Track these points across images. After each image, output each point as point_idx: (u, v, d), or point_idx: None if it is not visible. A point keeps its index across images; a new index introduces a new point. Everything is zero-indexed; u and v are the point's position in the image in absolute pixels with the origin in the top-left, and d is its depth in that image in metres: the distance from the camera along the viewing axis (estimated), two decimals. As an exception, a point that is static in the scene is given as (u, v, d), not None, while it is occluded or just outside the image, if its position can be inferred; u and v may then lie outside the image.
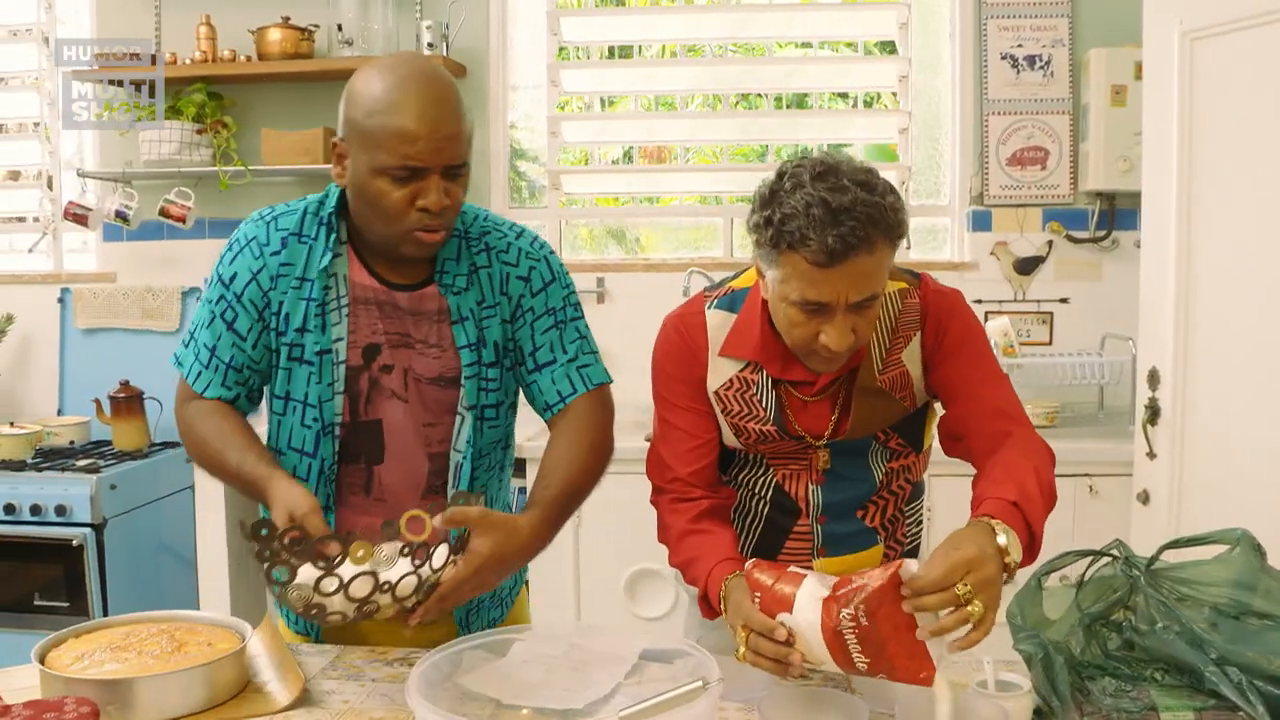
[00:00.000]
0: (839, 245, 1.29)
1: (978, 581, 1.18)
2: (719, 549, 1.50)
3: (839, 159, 1.37)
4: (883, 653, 1.21)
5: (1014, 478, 1.35)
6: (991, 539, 1.24)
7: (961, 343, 1.52)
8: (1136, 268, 3.21)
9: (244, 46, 3.31)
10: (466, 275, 1.60)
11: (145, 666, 1.38)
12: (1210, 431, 2.61)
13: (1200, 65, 2.56)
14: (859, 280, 1.34)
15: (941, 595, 1.17)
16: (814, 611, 1.24)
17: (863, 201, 1.30)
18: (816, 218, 1.29)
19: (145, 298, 3.47)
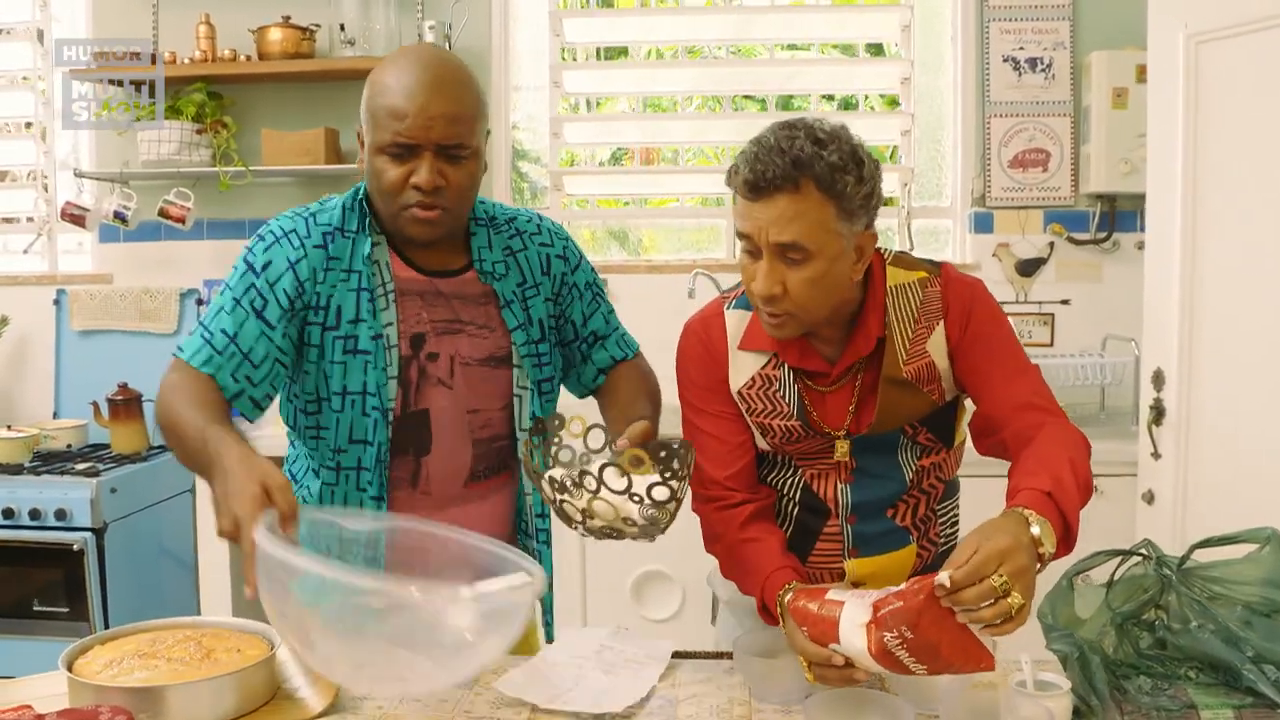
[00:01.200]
0: (755, 178, 1.36)
1: (1012, 572, 1.19)
2: (770, 558, 1.50)
3: (816, 120, 1.42)
4: (938, 656, 1.23)
5: (1048, 468, 1.35)
6: (1025, 529, 1.24)
7: (987, 332, 1.52)
8: (1137, 269, 3.24)
9: (244, 46, 3.28)
10: (503, 260, 1.67)
11: (176, 674, 1.36)
12: (1215, 432, 2.63)
13: (1205, 68, 2.58)
14: (781, 221, 1.37)
15: (978, 589, 1.18)
16: (860, 639, 1.26)
17: (800, 147, 1.36)
18: (750, 153, 1.38)
19: (143, 299, 3.43)
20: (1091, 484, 1.40)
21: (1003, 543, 1.20)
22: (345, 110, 3.41)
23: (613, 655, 1.56)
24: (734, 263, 3.47)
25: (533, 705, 1.41)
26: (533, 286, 1.68)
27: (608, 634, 1.62)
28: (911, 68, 3.38)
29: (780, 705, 1.42)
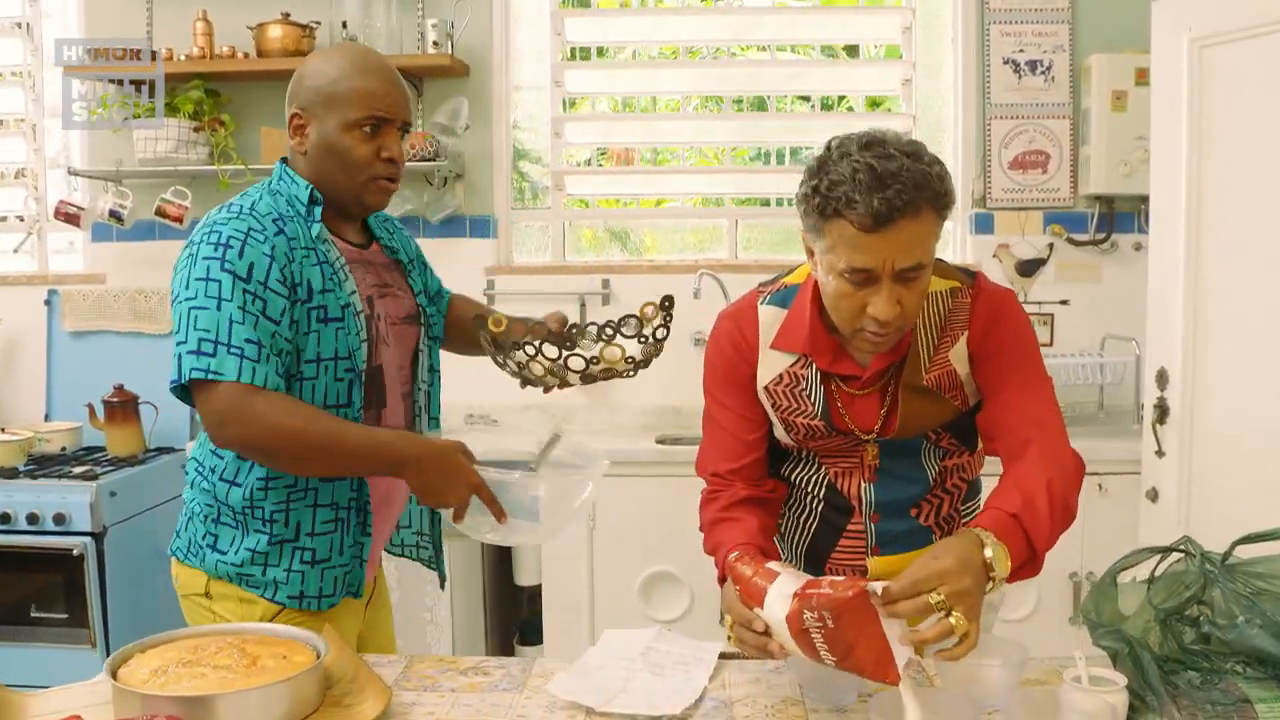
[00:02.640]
0: (884, 208, 1.30)
1: (952, 593, 1.19)
2: (738, 535, 1.51)
3: (885, 132, 1.38)
4: (850, 653, 1.23)
5: (1022, 489, 1.36)
6: (978, 551, 1.25)
7: (1006, 344, 1.52)
8: (1135, 270, 3.29)
9: (242, 43, 3.24)
10: (389, 236, 1.85)
11: (226, 682, 1.33)
12: (1219, 430, 2.67)
13: (1208, 72, 2.62)
14: (904, 246, 1.33)
15: (913, 603, 1.19)
16: (781, 609, 1.27)
17: (908, 169, 1.31)
18: (863, 182, 1.30)
19: (137, 299, 3.39)
20: (1072, 508, 1.41)
21: (947, 562, 1.21)
22: (345, 109, 3.37)
23: (659, 657, 1.56)
24: (735, 263, 3.49)
25: (587, 708, 1.40)
26: (410, 260, 1.86)
27: (653, 635, 1.61)
28: (913, 69, 3.41)
29: (834, 706, 1.42)
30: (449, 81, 3.36)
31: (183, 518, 1.79)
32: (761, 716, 1.40)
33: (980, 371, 1.52)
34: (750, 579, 1.34)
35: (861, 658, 1.22)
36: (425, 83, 3.36)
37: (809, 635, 1.24)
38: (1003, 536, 1.28)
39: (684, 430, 3.37)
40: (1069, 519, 1.41)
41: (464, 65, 3.31)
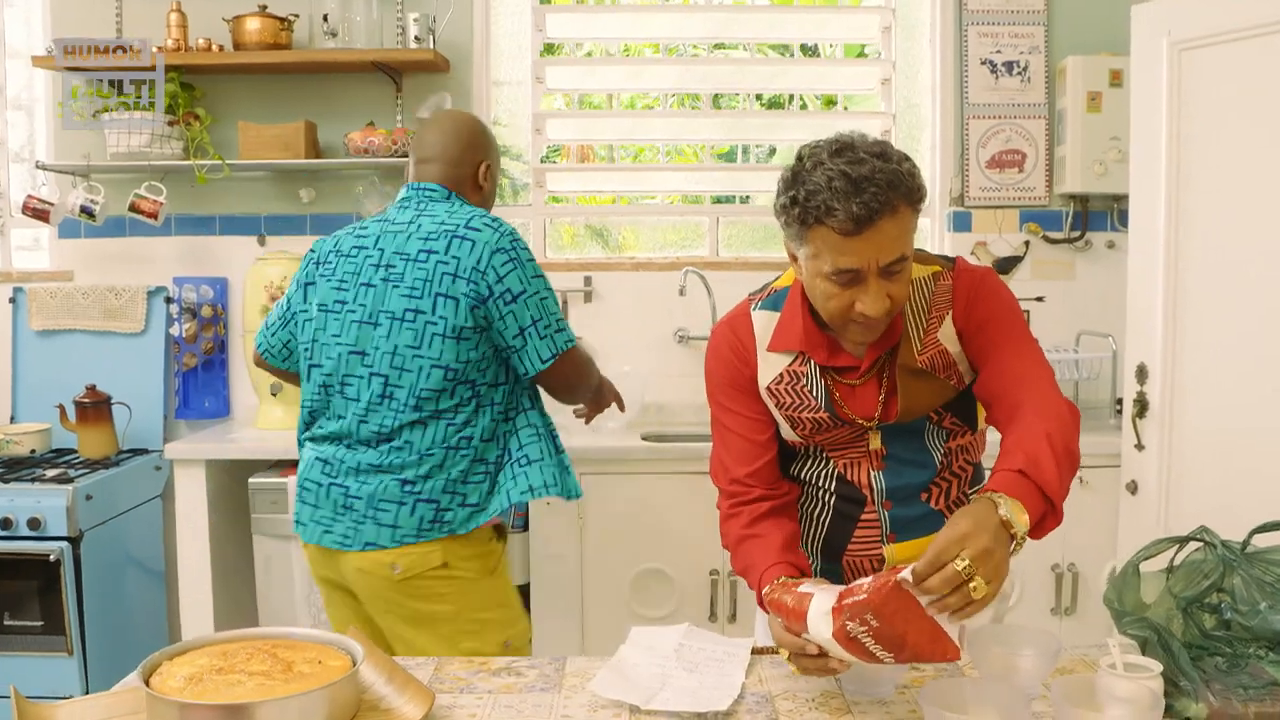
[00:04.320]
0: (864, 211, 1.35)
1: (974, 555, 1.21)
2: (767, 554, 1.54)
3: (853, 136, 1.43)
4: (904, 644, 1.25)
5: (1023, 446, 1.38)
6: (992, 512, 1.27)
7: (990, 315, 1.55)
8: (1108, 267, 3.37)
9: (218, 36, 3.17)
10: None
11: (266, 689, 1.30)
12: (1198, 424, 2.74)
13: (1187, 74, 2.69)
14: (886, 244, 1.38)
15: (941, 575, 1.22)
16: (825, 628, 1.29)
17: (880, 170, 1.36)
18: (839, 189, 1.35)
19: (107, 297, 3.30)
20: (1075, 453, 1.43)
21: (963, 528, 1.24)
22: (325, 103, 3.33)
23: (693, 654, 1.55)
24: (717, 260, 3.50)
25: (631, 706, 1.39)
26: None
27: (683, 632, 1.61)
28: (892, 69, 3.44)
29: (873, 697, 1.43)
30: (429, 77, 3.33)
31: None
32: (804, 710, 1.40)
33: (970, 347, 1.56)
34: (791, 608, 1.36)
35: (916, 645, 1.24)
36: (405, 78, 3.32)
37: (859, 643, 1.26)
38: (1014, 493, 1.30)
39: (669, 428, 3.37)
40: (1074, 465, 1.42)
41: (445, 60, 3.27)
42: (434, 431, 1.99)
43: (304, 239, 3.39)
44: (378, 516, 1.98)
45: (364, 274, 2.03)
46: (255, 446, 3.00)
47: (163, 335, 3.31)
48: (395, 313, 1.98)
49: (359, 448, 2.01)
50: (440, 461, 1.99)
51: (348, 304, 2.03)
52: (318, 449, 2.07)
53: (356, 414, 2.01)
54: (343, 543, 2.01)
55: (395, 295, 1.99)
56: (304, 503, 2.07)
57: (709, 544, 2.98)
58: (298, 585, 2.87)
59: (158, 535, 3.25)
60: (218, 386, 3.41)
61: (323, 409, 2.08)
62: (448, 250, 1.98)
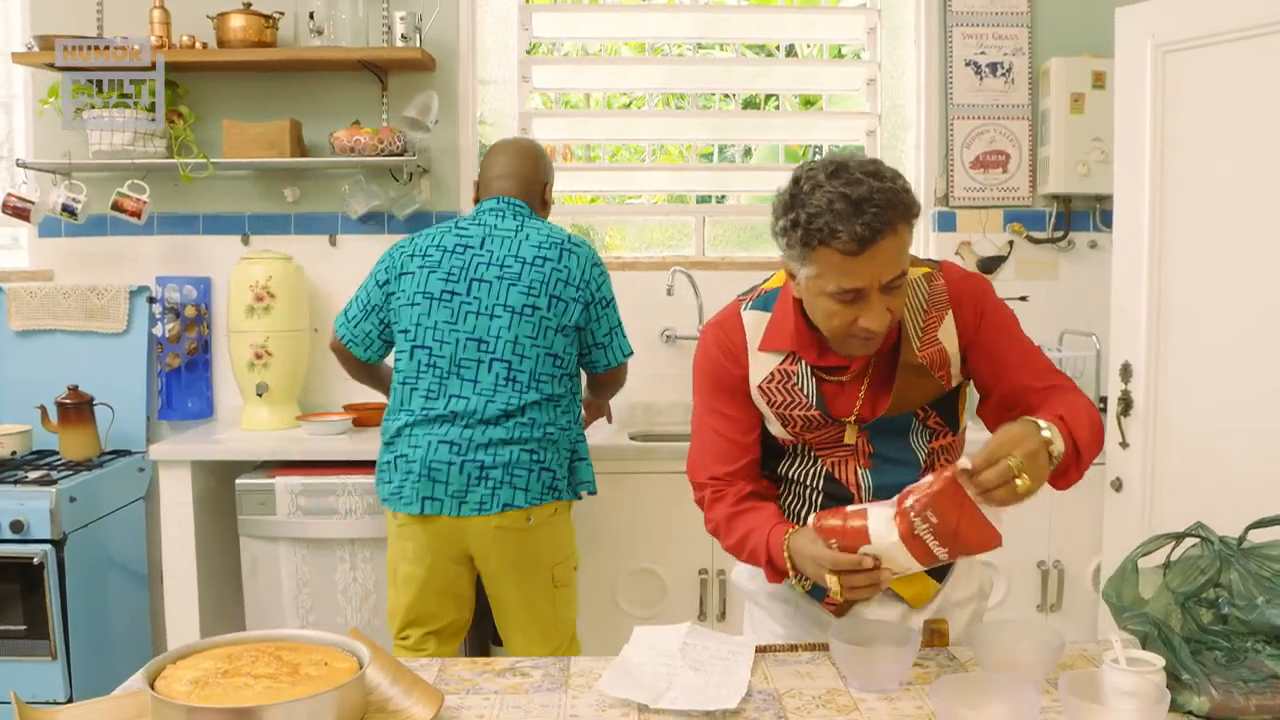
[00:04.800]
0: (866, 232, 1.39)
1: (1025, 454, 1.37)
2: (768, 518, 1.61)
3: (845, 156, 1.47)
4: (957, 537, 1.40)
5: (1065, 404, 1.52)
6: (1036, 430, 1.42)
7: (999, 322, 1.64)
8: (1090, 267, 3.41)
9: (201, 33, 3.14)
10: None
11: (274, 692, 1.29)
12: (1182, 422, 2.77)
13: (1171, 76, 2.72)
14: (887, 262, 1.44)
15: (997, 469, 1.37)
16: (891, 532, 1.41)
17: (878, 190, 1.41)
18: (840, 211, 1.40)
19: (88, 297, 3.25)
20: (1102, 436, 1.55)
21: (1015, 431, 1.40)
22: (310, 101, 3.31)
23: (697, 652, 1.56)
24: (705, 260, 3.50)
25: (639, 705, 1.40)
26: None
27: (686, 631, 1.61)
28: (877, 70, 3.46)
29: (880, 692, 1.44)
30: (415, 76, 3.31)
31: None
32: (811, 707, 1.41)
33: (980, 351, 1.62)
34: (844, 527, 1.46)
35: (967, 536, 1.40)
36: (391, 76, 3.30)
37: (922, 540, 1.40)
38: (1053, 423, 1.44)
39: (656, 427, 3.37)
40: (1099, 443, 1.56)
41: (432, 59, 3.26)
42: (548, 412, 2.38)
43: (288, 238, 3.37)
44: (513, 481, 2.34)
45: (475, 270, 2.38)
46: (242, 447, 2.97)
47: (145, 335, 3.28)
48: (515, 307, 2.35)
49: (487, 425, 2.33)
50: (556, 438, 2.39)
51: (460, 295, 2.36)
52: (437, 432, 2.35)
53: (483, 394, 2.34)
54: (480, 509, 2.34)
55: (514, 292, 2.35)
56: (435, 481, 2.34)
57: (698, 543, 3.00)
58: (285, 587, 2.85)
59: (140, 537, 3.21)
60: (201, 387, 3.38)
61: (436, 389, 2.36)
62: (560, 260, 2.40)
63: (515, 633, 2.50)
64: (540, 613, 2.47)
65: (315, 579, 2.86)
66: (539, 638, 2.49)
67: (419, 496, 2.36)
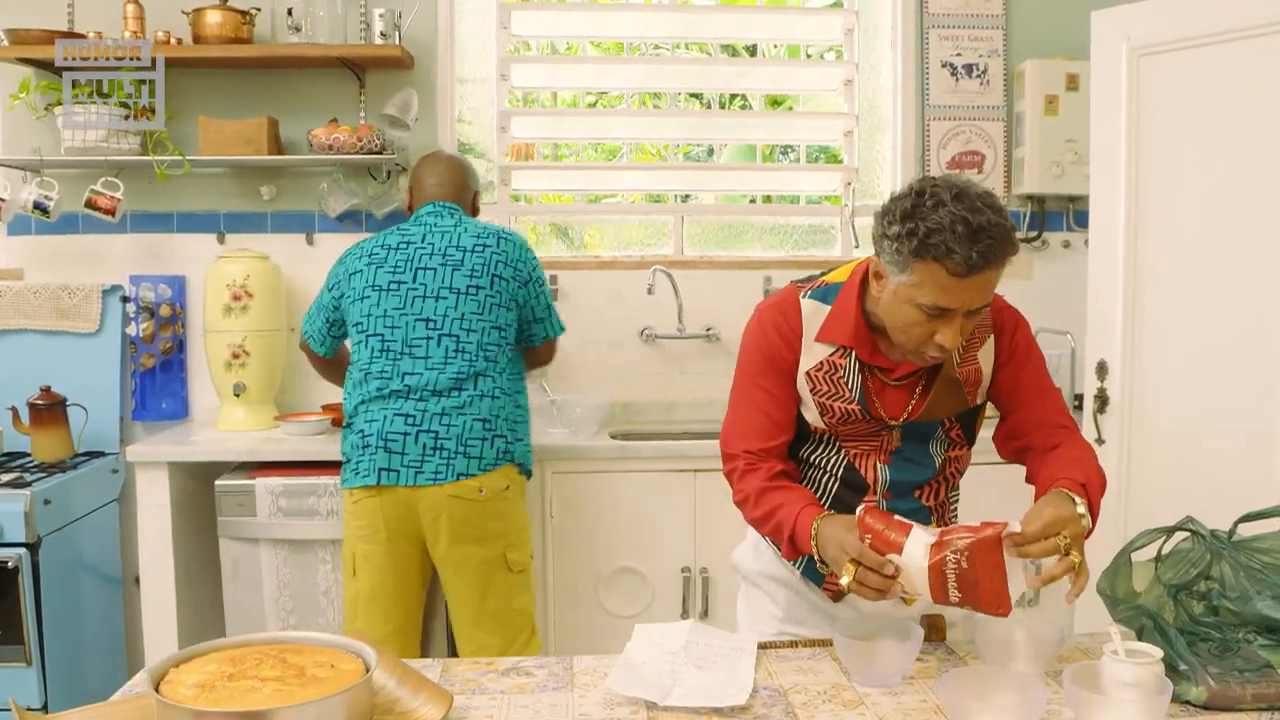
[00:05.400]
0: (979, 260, 1.45)
1: (1074, 535, 1.45)
2: (802, 497, 1.65)
3: (964, 182, 1.52)
4: (975, 590, 1.44)
5: (1081, 468, 1.59)
6: (1074, 507, 1.49)
7: (1032, 360, 1.73)
8: (1064, 266, 3.46)
9: (177, 28, 3.09)
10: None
11: (283, 695, 1.28)
12: (1157, 419, 2.82)
13: (1145, 79, 2.77)
14: (984, 290, 1.50)
15: (1045, 544, 1.44)
16: (922, 555, 1.45)
17: (996, 223, 1.46)
18: (961, 234, 1.44)
19: (60, 296, 3.20)
20: (1106, 487, 1.63)
21: (1066, 511, 1.47)
22: (287, 99, 3.27)
23: (700, 650, 1.56)
24: (683, 259, 3.51)
25: (648, 704, 1.40)
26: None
27: (688, 629, 1.61)
28: (855, 70, 3.49)
29: (883, 687, 1.46)
30: (393, 74, 3.29)
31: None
32: (817, 702, 1.42)
33: (1007, 377, 1.71)
34: (883, 531, 1.49)
35: (984, 592, 1.44)
36: (369, 74, 3.28)
37: (944, 576, 1.44)
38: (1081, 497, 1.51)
39: (637, 426, 3.38)
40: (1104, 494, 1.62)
41: (411, 57, 3.24)
42: (496, 380, 2.53)
43: (265, 236, 3.33)
44: (467, 451, 2.47)
45: (419, 261, 2.56)
46: (220, 448, 2.94)
47: (118, 335, 3.22)
48: (460, 288, 2.53)
49: (440, 396, 2.47)
50: (505, 404, 2.53)
51: (407, 283, 2.54)
52: (393, 406, 2.48)
53: (434, 368, 2.49)
54: (435, 478, 2.45)
55: (458, 276, 2.54)
56: (390, 452, 2.46)
57: (680, 541, 3.01)
58: (266, 589, 2.82)
59: (115, 540, 3.16)
60: (176, 388, 3.33)
61: (390, 370, 2.50)
62: (498, 246, 2.60)
63: (469, 626, 2.55)
64: (493, 597, 2.54)
65: (296, 580, 2.83)
66: (493, 628, 2.54)
67: (375, 468, 2.47)
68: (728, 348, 3.45)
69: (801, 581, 1.78)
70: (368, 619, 2.53)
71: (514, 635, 2.58)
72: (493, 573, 2.54)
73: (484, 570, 2.53)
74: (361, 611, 2.54)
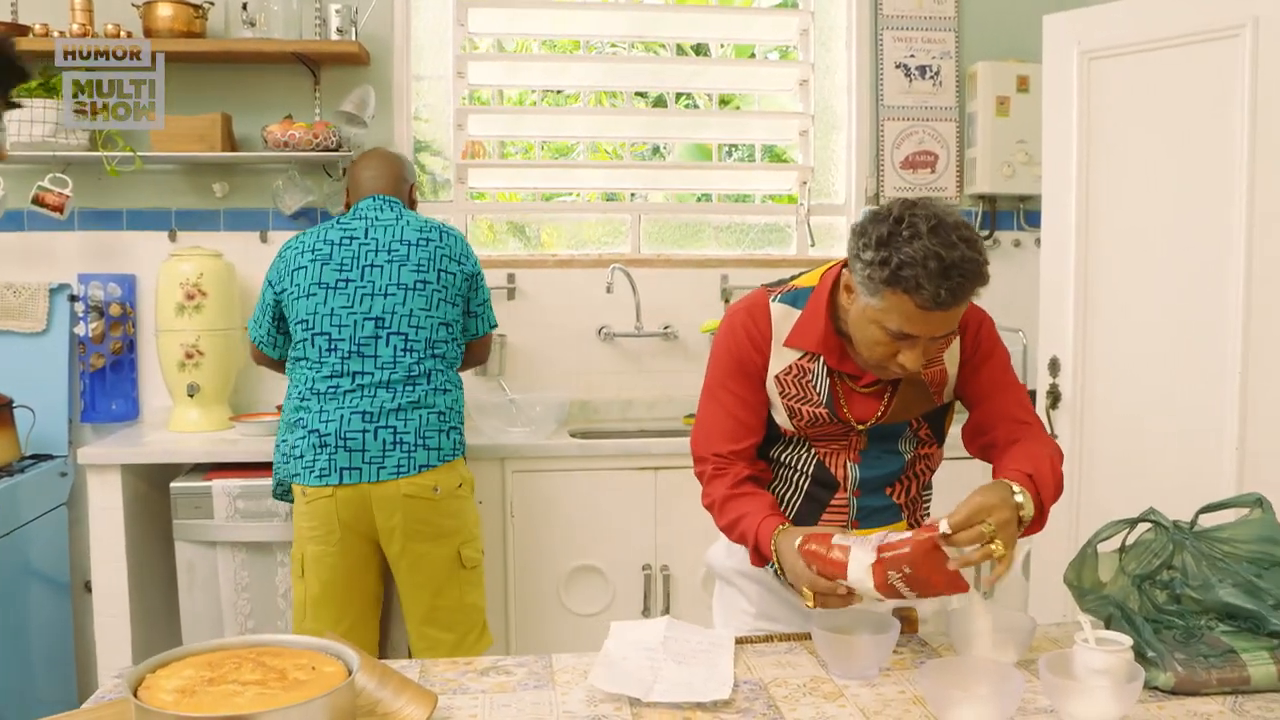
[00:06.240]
0: (948, 297, 1.47)
1: (998, 522, 1.45)
2: (762, 506, 1.67)
3: (943, 211, 1.52)
4: (929, 585, 1.49)
5: (1031, 461, 1.60)
6: (1010, 493, 1.50)
7: (995, 356, 1.74)
8: (1016, 265, 3.53)
9: (127, 21, 3.03)
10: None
11: (268, 698, 1.26)
12: (1109, 414, 2.89)
13: (1096, 81, 2.84)
14: (950, 322, 1.53)
15: (969, 532, 1.44)
16: (867, 578, 1.48)
17: (969, 259, 1.47)
18: (932, 270, 1.45)
19: (4, 295, 3.11)
20: (1062, 482, 1.64)
21: (991, 499, 1.47)
22: (240, 95, 3.22)
23: (679, 645, 1.57)
24: (640, 257, 3.52)
25: (631, 700, 1.41)
26: None
27: (665, 625, 1.62)
28: (810, 70, 3.53)
29: (861, 679, 1.48)
30: (349, 70, 3.25)
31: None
32: (798, 695, 1.44)
33: (972, 378, 1.73)
34: (826, 557, 1.51)
35: (938, 583, 1.48)
36: (324, 70, 3.24)
37: (894, 587, 1.48)
38: (1025, 487, 1.53)
39: (596, 424, 3.38)
40: (1060, 492, 1.63)
41: (367, 53, 3.21)
42: (447, 373, 2.55)
43: (217, 234, 3.27)
44: (425, 443, 2.48)
45: (365, 257, 2.52)
46: (175, 449, 2.88)
47: (66, 335, 3.15)
48: (408, 284, 2.51)
49: (394, 393, 2.47)
50: (457, 397, 2.57)
51: (355, 281, 2.51)
52: (347, 404, 2.47)
53: (385, 367, 2.48)
54: (398, 471, 2.45)
55: (404, 271, 2.52)
56: (351, 450, 2.44)
57: (641, 539, 3.02)
58: (224, 592, 2.78)
59: (64, 545, 3.09)
60: (126, 388, 3.26)
61: (340, 368, 2.49)
62: (441, 240, 2.59)
63: (422, 623, 2.56)
64: (447, 594, 2.55)
65: (255, 584, 2.79)
66: (447, 625, 2.56)
67: (337, 467, 2.45)
68: (685, 346, 3.47)
69: (774, 578, 1.80)
70: (317, 620, 2.51)
71: (466, 631, 2.59)
72: (447, 570, 2.54)
73: (439, 568, 2.53)
74: (311, 613, 2.52)
